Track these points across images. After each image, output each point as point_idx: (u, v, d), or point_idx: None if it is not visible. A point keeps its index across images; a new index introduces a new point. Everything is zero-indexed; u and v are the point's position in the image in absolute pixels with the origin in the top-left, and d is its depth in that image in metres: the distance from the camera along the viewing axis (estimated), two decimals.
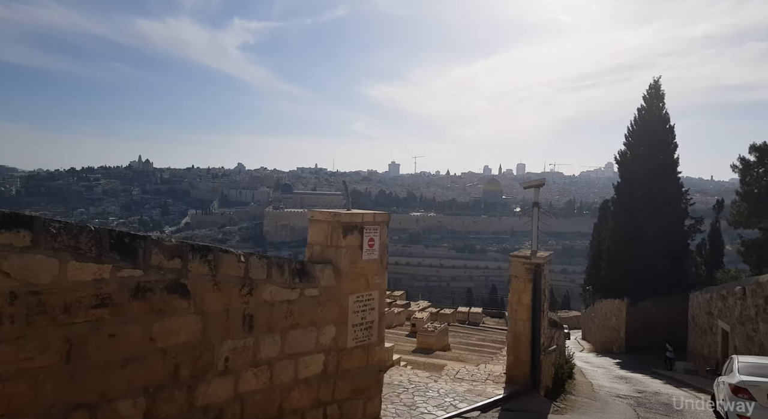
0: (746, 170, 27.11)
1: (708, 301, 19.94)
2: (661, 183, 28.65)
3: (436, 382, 9.46)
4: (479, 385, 9.44)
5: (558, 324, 12.54)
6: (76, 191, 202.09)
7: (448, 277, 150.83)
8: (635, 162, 29.67)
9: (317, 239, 5.67)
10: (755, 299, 15.31)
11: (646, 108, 30.29)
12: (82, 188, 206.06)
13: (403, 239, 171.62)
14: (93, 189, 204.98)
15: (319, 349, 5.29)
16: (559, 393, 10.96)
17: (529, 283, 9.42)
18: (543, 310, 9.66)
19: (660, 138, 29.63)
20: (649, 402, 12.00)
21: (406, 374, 9.83)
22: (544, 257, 9.72)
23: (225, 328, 4.41)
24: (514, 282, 9.57)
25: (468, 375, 10.16)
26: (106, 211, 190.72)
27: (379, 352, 5.95)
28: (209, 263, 4.26)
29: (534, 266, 9.39)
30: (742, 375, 9.13)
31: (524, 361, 9.41)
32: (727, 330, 17.18)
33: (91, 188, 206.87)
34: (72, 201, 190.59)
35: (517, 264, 9.52)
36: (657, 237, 27.90)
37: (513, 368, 9.51)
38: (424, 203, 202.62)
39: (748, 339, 15.62)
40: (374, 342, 5.89)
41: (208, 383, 4.28)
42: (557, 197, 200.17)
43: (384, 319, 6.07)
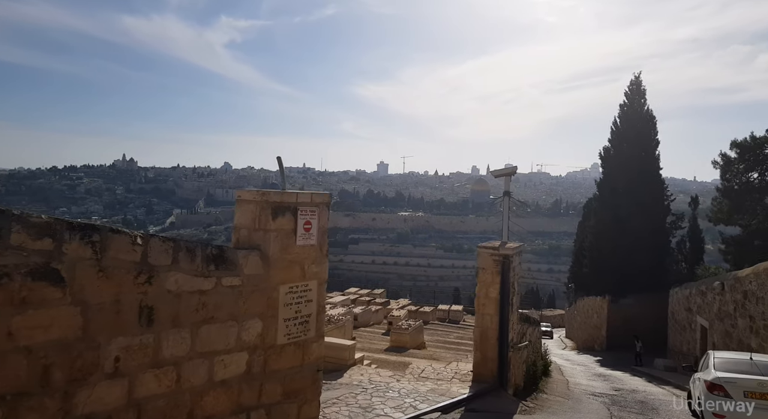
0: (727, 166, 26.96)
1: (687, 297, 19.64)
2: (642, 179, 28.42)
3: (399, 382, 8.88)
4: (444, 384, 8.88)
5: (531, 319, 12.04)
6: (58, 190, 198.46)
7: (436, 276, 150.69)
8: (618, 159, 29.41)
9: (244, 221, 5.04)
10: (734, 294, 14.97)
11: (628, 104, 30.05)
12: (64, 186, 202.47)
13: (391, 238, 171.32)
14: (76, 188, 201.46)
15: (242, 347, 4.66)
16: (531, 391, 10.45)
17: (497, 276, 8.88)
18: (512, 304, 9.13)
19: (642, 134, 29.40)
20: (624, 401, 11.55)
21: (368, 373, 9.23)
22: (513, 249, 9.18)
23: (115, 322, 3.76)
24: (482, 275, 9.02)
25: (434, 373, 9.59)
26: (89, 210, 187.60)
27: (317, 349, 5.34)
28: (93, 245, 3.62)
29: (502, 257, 8.86)
30: (718, 372, 8.68)
31: (491, 358, 8.87)
32: (706, 326, 16.85)
33: (74, 186, 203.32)
34: (54, 200, 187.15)
35: (484, 256, 8.98)
36: (639, 234, 27.64)
37: (480, 366, 8.97)
38: (413, 202, 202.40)
39: (726, 334, 15.28)
40: (311, 338, 5.27)
41: (92, 387, 3.63)
42: (544, 197, 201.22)
43: (323, 312, 5.46)
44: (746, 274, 14.36)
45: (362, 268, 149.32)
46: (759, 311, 13.28)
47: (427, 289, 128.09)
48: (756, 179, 26.44)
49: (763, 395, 8.13)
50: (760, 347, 13.03)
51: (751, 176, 26.35)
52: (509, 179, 10.29)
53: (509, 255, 8.90)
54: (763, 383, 8.17)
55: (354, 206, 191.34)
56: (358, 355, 9.94)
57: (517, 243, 9.79)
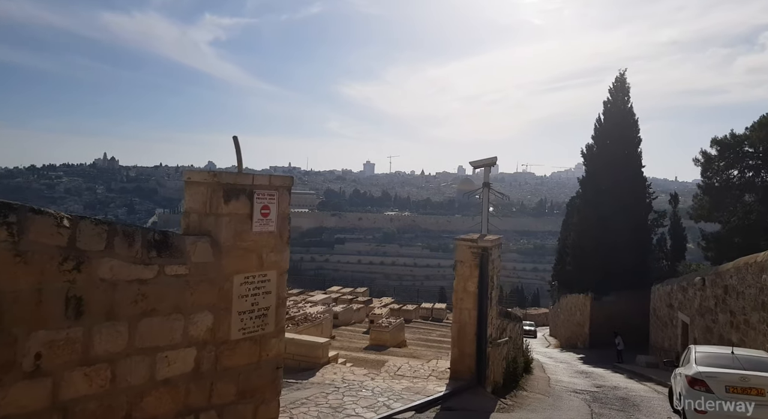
0: (708, 163, 27.11)
1: (668, 293, 19.61)
2: (625, 176, 28.46)
3: (373, 380, 8.52)
4: (420, 382, 8.55)
5: (512, 315, 11.80)
6: (36, 190, 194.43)
7: (422, 276, 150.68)
8: (601, 155, 29.43)
9: (194, 205, 4.63)
10: (714, 289, 14.91)
11: (611, 101, 30.08)
12: (42, 186, 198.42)
13: (377, 238, 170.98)
14: (55, 187, 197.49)
15: (189, 342, 4.26)
16: (511, 388, 10.18)
17: (476, 269, 8.58)
18: (491, 298, 8.83)
19: (625, 131, 29.46)
20: (606, 397, 11.35)
21: (342, 372, 8.86)
22: (492, 241, 8.89)
23: (36, 314, 3.34)
24: (460, 268, 8.71)
25: (410, 371, 9.25)
26: (69, 209, 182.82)
27: (276, 345, 4.95)
28: (9, 227, 3.20)
29: (481, 250, 8.55)
30: (700, 366, 8.48)
31: (469, 354, 8.56)
32: (687, 322, 16.79)
33: (53, 186, 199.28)
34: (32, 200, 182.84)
35: (462, 248, 8.67)
36: (621, 231, 27.65)
37: (457, 362, 8.65)
38: (399, 202, 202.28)
39: (707, 330, 15.22)
40: (270, 333, 4.88)
41: (7, 388, 3.21)
42: (529, 197, 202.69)
43: (284, 305, 5.07)
44: (727, 269, 14.29)
45: (348, 268, 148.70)
46: (739, 306, 13.20)
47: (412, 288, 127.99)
48: (736, 177, 26.64)
49: (746, 390, 7.94)
50: (741, 342, 12.94)
51: (731, 174, 26.54)
52: (489, 170, 10.00)
53: (488, 247, 8.60)
54: (745, 377, 7.99)
55: (340, 206, 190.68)
56: (333, 353, 9.57)
57: (497, 236, 9.50)
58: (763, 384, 7.91)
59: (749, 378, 7.95)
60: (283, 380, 8.79)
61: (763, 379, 7.96)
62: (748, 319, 12.62)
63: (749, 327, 12.54)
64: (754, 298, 12.29)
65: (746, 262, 13.16)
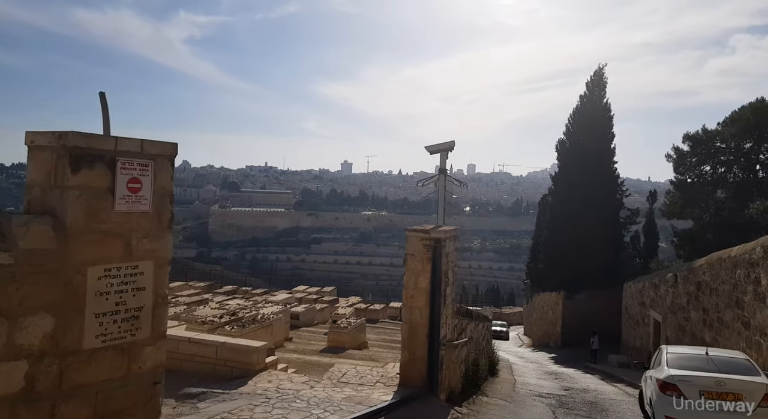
0: (680, 159, 26.88)
1: (640, 291, 19.11)
2: (597, 172, 28.06)
3: (312, 389, 7.53)
4: (365, 390, 7.59)
5: (473, 314, 10.96)
6: (5, 189, 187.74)
7: (399, 276, 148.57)
8: (573, 151, 28.98)
9: (37, 176, 3.60)
10: (687, 286, 14.37)
11: (587, 96, 29.65)
12: (11, 185, 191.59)
13: (354, 238, 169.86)
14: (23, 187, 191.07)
15: (16, 353, 3.23)
16: (470, 394, 9.32)
17: (428, 263, 7.67)
18: (445, 296, 7.94)
19: (599, 126, 29.06)
20: (573, 402, 10.60)
21: (278, 380, 7.85)
22: (446, 232, 7.99)
23: None
24: (410, 262, 7.79)
25: (356, 377, 8.29)
26: None
27: (154, 355, 3.93)
28: None
29: (433, 241, 7.65)
30: (671, 369, 7.74)
31: (421, 358, 7.65)
32: (659, 320, 16.26)
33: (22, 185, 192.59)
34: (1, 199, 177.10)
35: (413, 240, 7.75)
36: (593, 228, 27.22)
37: (408, 367, 7.74)
38: (376, 202, 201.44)
39: (679, 328, 14.67)
40: (144, 340, 3.86)
41: None
42: (505, 197, 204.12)
43: (165, 305, 4.05)
44: (700, 264, 13.75)
45: (325, 268, 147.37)
46: (712, 303, 12.64)
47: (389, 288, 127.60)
48: (708, 173, 26.46)
49: (721, 395, 7.22)
50: (714, 341, 12.37)
51: (703, 169, 26.34)
52: (445, 155, 9.12)
53: (441, 239, 7.70)
54: (720, 381, 7.26)
55: (317, 206, 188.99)
56: (272, 358, 8.54)
57: (452, 227, 8.62)
58: (740, 388, 7.20)
59: (725, 382, 7.23)
60: (207, 390, 7.78)
61: (741, 383, 7.25)
62: (722, 317, 12.05)
63: (723, 325, 11.97)
64: (727, 295, 11.72)
65: (719, 257, 12.61)
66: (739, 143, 25.57)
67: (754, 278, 10.40)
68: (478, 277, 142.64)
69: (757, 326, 10.11)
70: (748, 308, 10.58)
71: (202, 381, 7.74)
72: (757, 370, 7.68)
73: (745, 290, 10.83)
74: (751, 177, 25.30)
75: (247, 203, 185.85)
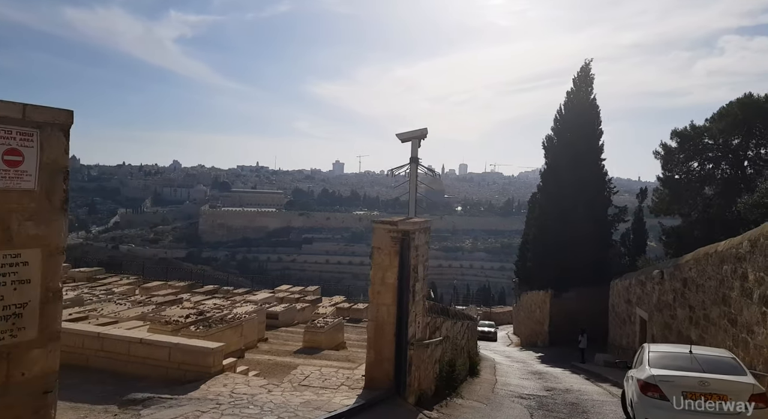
0: (668, 156, 26.59)
1: (627, 288, 18.73)
2: (585, 169, 27.69)
3: (270, 393, 7.00)
4: (327, 394, 7.07)
5: (451, 312, 10.45)
6: None
7: None
8: (561, 147, 28.59)
9: None
10: (673, 282, 13.98)
11: (574, 92, 29.27)
12: None
13: (345, 238, 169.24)
14: None
15: None
16: (444, 396, 8.82)
17: (396, 257, 7.16)
18: (413, 292, 7.43)
19: (587, 123, 28.68)
20: (553, 403, 10.14)
21: (234, 383, 7.29)
22: (415, 224, 7.49)
23: None
24: (377, 256, 7.27)
25: (319, 380, 7.76)
26: None
27: (42, 359, 3.37)
28: None
29: (401, 234, 7.14)
30: (653, 369, 7.29)
31: (388, 359, 7.14)
32: (645, 318, 15.86)
33: None
34: None
35: (380, 233, 7.24)
36: (581, 225, 26.85)
37: (374, 368, 7.22)
38: (368, 202, 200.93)
39: (665, 326, 14.28)
40: (29, 342, 3.30)
41: None
42: (497, 197, 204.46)
43: (58, 300, 3.50)
44: (686, 260, 13.36)
45: (316, 268, 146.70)
46: (699, 300, 12.25)
47: None
48: (696, 169, 26.19)
49: (705, 396, 6.78)
50: (701, 339, 11.98)
51: (691, 166, 26.06)
52: (417, 143, 8.62)
53: (410, 231, 7.19)
54: (704, 381, 6.82)
55: (308, 206, 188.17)
56: (230, 360, 7.98)
57: (423, 218, 8.12)
58: (725, 389, 6.76)
59: (709, 382, 6.79)
60: (154, 396, 7.20)
61: (726, 383, 6.81)
62: (708, 314, 11.65)
63: (709, 323, 11.58)
64: (714, 291, 11.32)
65: (706, 252, 12.22)
66: (727, 139, 25.31)
67: (741, 274, 10.00)
68: (470, 277, 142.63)
69: (744, 323, 9.70)
70: (735, 304, 10.18)
71: (151, 386, 7.19)
72: (743, 369, 7.25)
73: (731, 285, 10.43)
74: (738, 174, 25.05)
75: (238, 203, 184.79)
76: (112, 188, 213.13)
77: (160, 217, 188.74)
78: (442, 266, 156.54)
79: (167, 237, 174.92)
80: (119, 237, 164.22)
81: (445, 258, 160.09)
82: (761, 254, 9.22)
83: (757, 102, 24.65)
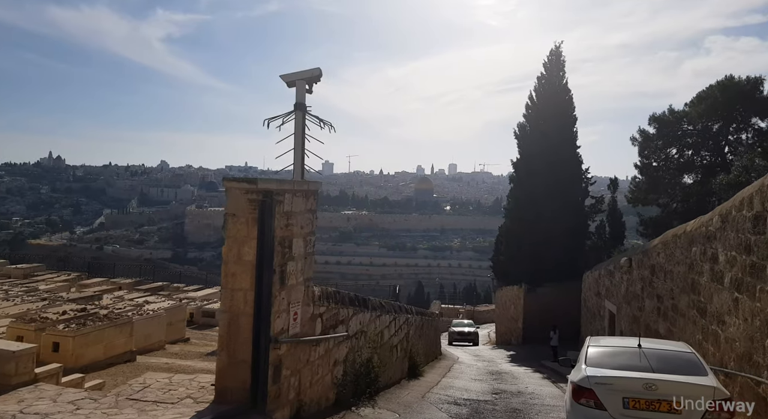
0: (645, 142, 25.18)
1: (597, 280, 17.21)
2: (559, 158, 26.16)
3: (76, 410, 5.23)
4: (157, 411, 5.35)
5: (373, 304, 8.77)
6: None
7: (378, 275, 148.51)
8: (534, 135, 27.06)
9: None
10: (641, 270, 12.43)
11: (546, 76, 27.76)
12: None
13: (333, 237, 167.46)
14: None
15: None
16: (347, 407, 7.14)
17: (254, 226, 5.47)
18: (283, 273, 5.75)
19: (560, 110, 27.19)
20: (492, 409, 8.51)
21: (36, 398, 5.50)
22: (285, 183, 5.81)
23: None
24: (232, 226, 5.58)
25: (161, 390, 6.04)
26: (10, 210, 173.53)
27: None
28: None
29: (262, 195, 5.46)
30: (590, 368, 5.68)
31: (244, 361, 5.45)
32: (614, 312, 14.32)
33: None
34: None
35: (235, 195, 5.55)
36: (556, 217, 25.33)
37: (225, 375, 5.52)
38: (357, 201, 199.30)
39: (633, 320, 12.73)
40: None
41: None
42: (486, 196, 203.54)
43: None
44: (654, 245, 11.82)
45: None
46: (667, 289, 10.70)
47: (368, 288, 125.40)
48: (674, 156, 24.81)
49: (651, 403, 5.15)
50: (669, 332, 10.43)
51: (670, 153, 24.68)
52: (306, 87, 6.92)
53: (274, 191, 5.50)
54: (651, 384, 5.20)
55: None
56: (53, 367, 6.22)
57: (310, 180, 6.43)
58: (677, 393, 5.15)
59: (657, 385, 5.17)
60: None
61: (679, 386, 5.20)
62: (677, 304, 10.10)
63: (678, 314, 10.02)
64: (683, 277, 9.77)
65: (674, 234, 10.68)
66: (707, 124, 23.95)
67: (711, 255, 8.45)
68: (458, 276, 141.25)
69: (714, 312, 8.14)
70: (705, 291, 8.63)
71: None
72: (703, 368, 5.64)
73: (701, 270, 8.88)
74: (718, 160, 23.68)
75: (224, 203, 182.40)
76: (98, 188, 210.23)
77: (146, 217, 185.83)
78: (431, 265, 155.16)
79: (153, 238, 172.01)
80: (104, 238, 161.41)
81: (433, 258, 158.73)
82: (733, 230, 7.66)
83: (738, 84, 23.29)
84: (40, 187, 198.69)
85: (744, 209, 7.39)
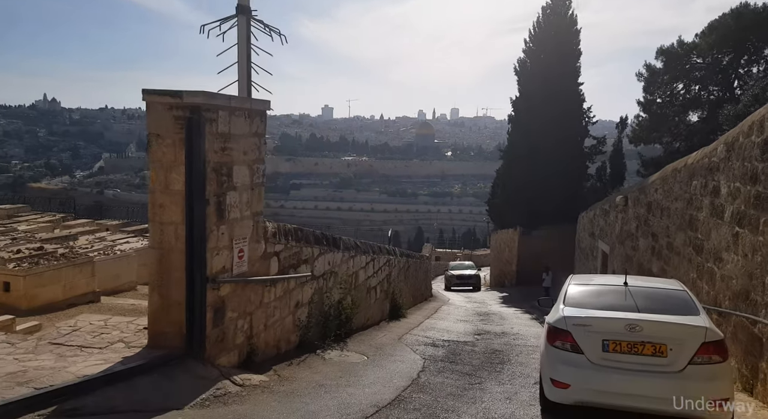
0: (651, 77, 23.73)
1: (591, 220, 16.58)
2: (560, 95, 24.78)
3: None
4: (78, 356, 4.80)
5: (344, 244, 8.12)
6: None
7: (380, 221, 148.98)
8: (534, 69, 25.54)
9: None
10: (637, 208, 11.73)
11: (551, 6, 25.80)
12: None
13: (334, 183, 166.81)
14: None
15: None
16: (311, 350, 6.65)
17: (182, 149, 4.69)
18: (221, 204, 5.03)
19: (564, 42, 25.44)
20: (470, 351, 8.09)
21: None
22: (220, 97, 4.96)
23: None
24: (156, 149, 4.79)
25: (92, 334, 5.49)
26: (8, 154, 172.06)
27: None
28: None
29: (189, 111, 4.63)
30: (567, 309, 5.07)
31: (178, 303, 4.84)
32: (607, 252, 13.79)
33: None
34: None
35: (158, 111, 4.71)
36: (554, 158, 24.35)
37: (158, 318, 4.93)
38: (357, 147, 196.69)
39: (626, 259, 12.18)
40: None
41: None
42: (488, 141, 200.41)
43: None
44: (652, 181, 11.05)
45: (305, 214, 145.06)
46: (663, 227, 10.03)
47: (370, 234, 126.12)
48: (680, 92, 23.46)
49: (634, 346, 4.56)
50: (662, 271, 9.88)
51: (676, 88, 23.30)
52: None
53: (202, 106, 4.67)
54: (634, 325, 4.59)
55: (296, 151, 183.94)
56: None
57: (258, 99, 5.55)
58: (664, 334, 4.55)
59: (641, 326, 4.56)
60: None
61: (665, 327, 4.59)
62: (672, 242, 9.46)
63: (672, 252, 9.41)
64: (680, 214, 9.07)
65: (674, 168, 9.88)
66: (717, 56, 22.43)
67: (713, 188, 7.69)
68: (458, 222, 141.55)
69: (711, 249, 7.49)
70: (703, 227, 7.95)
71: None
72: (695, 307, 5.02)
73: (700, 205, 8.16)
74: (727, 96, 22.36)
75: None
76: (96, 132, 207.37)
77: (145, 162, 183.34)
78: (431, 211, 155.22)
79: None
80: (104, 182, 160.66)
81: (434, 204, 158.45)
82: (738, 158, 6.85)
83: (754, 12, 21.56)
84: (38, 130, 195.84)
85: (753, 135, 6.56)
